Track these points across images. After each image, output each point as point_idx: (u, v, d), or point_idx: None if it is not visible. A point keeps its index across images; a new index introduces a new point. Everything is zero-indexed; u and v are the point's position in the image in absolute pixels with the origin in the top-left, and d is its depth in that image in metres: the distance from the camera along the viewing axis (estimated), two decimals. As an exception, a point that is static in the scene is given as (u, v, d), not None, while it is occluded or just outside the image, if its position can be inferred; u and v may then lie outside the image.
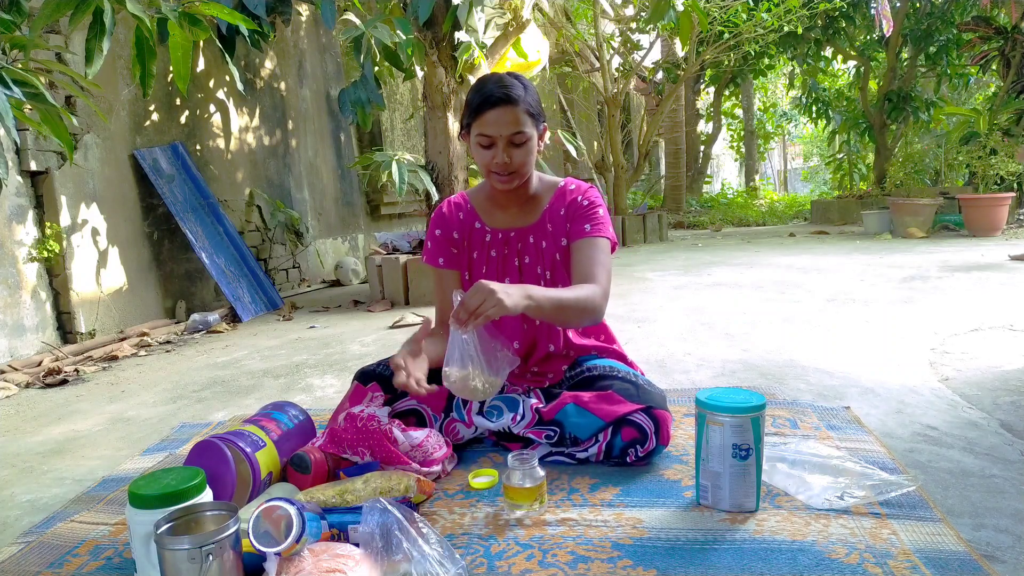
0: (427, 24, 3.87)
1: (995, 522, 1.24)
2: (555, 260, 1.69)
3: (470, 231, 1.73)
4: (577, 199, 1.68)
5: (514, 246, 1.71)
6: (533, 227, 1.70)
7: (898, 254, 5.22)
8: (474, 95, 1.56)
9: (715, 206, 11.56)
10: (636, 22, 7.95)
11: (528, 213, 1.71)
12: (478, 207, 1.74)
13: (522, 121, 1.53)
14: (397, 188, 3.88)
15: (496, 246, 1.71)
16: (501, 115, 1.52)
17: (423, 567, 1.06)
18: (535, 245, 1.70)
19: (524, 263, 1.71)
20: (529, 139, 1.56)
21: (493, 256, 1.72)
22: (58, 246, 3.36)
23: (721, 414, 1.27)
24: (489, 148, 1.55)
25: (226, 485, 1.32)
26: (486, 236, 1.72)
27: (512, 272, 1.71)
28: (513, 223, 1.71)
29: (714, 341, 2.74)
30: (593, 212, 1.67)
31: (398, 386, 1.40)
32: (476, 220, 1.73)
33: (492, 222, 1.72)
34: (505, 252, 1.71)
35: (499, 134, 1.53)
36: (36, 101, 1.76)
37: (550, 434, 1.57)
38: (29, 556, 1.31)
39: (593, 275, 1.59)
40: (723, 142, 16.57)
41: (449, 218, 1.74)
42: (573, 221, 1.67)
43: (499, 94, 1.51)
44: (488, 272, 1.72)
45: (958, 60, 8.44)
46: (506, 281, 1.70)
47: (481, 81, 1.59)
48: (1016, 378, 2.07)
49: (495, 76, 1.58)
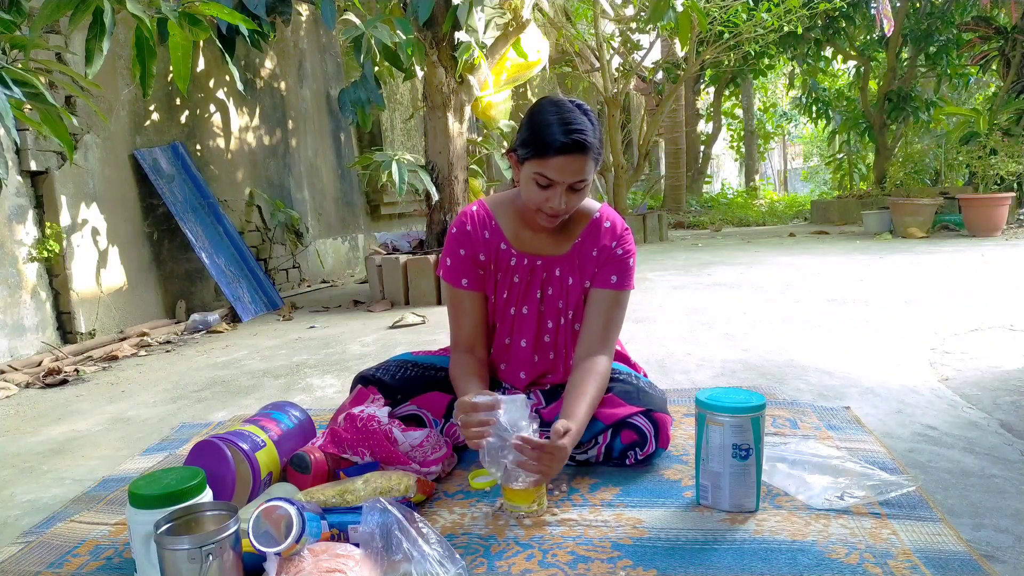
0: (427, 24, 3.87)
1: (995, 522, 1.24)
2: (579, 298, 1.61)
3: (496, 252, 1.60)
4: (612, 246, 1.58)
5: (539, 275, 1.60)
6: (562, 259, 1.59)
7: (898, 254, 5.22)
8: (538, 131, 1.40)
9: (715, 206, 11.56)
10: (636, 22, 7.95)
11: (557, 242, 1.59)
12: (504, 225, 1.60)
13: (588, 169, 1.42)
14: (397, 188, 3.88)
15: (520, 272, 1.60)
16: (568, 164, 1.39)
17: (423, 567, 1.06)
18: (561, 279, 1.60)
19: (547, 294, 1.61)
20: (588, 183, 1.46)
21: (516, 282, 1.61)
22: (58, 246, 3.36)
23: (721, 414, 1.27)
24: (545, 189, 1.43)
25: (226, 485, 1.32)
26: (511, 259, 1.60)
27: (532, 302, 1.62)
28: (541, 249, 1.59)
29: (714, 341, 2.74)
30: (625, 263, 1.58)
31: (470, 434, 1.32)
32: (502, 240, 1.60)
33: (519, 244, 1.60)
34: (529, 279, 1.61)
35: (563, 180, 1.41)
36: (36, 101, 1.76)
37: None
38: (29, 556, 1.31)
39: (608, 340, 1.54)
40: (723, 142, 16.57)
41: (474, 237, 1.59)
42: (602, 267, 1.58)
43: (569, 140, 1.37)
44: (509, 298, 1.62)
45: (958, 60, 8.44)
46: (524, 310, 1.62)
47: (546, 114, 1.42)
48: (1016, 378, 2.07)
49: (566, 111, 1.41)
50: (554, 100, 1.46)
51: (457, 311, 1.63)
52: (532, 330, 1.63)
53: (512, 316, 1.64)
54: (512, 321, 1.64)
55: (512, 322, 1.64)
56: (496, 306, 1.64)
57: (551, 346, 1.65)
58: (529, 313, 1.63)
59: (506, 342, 1.66)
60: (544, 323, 1.64)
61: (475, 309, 1.61)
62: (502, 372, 1.70)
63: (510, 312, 1.64)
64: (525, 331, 1.63)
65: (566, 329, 1.64)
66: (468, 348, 1.62)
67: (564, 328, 1.64)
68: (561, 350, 1.65)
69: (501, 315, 1.64)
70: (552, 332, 1.64)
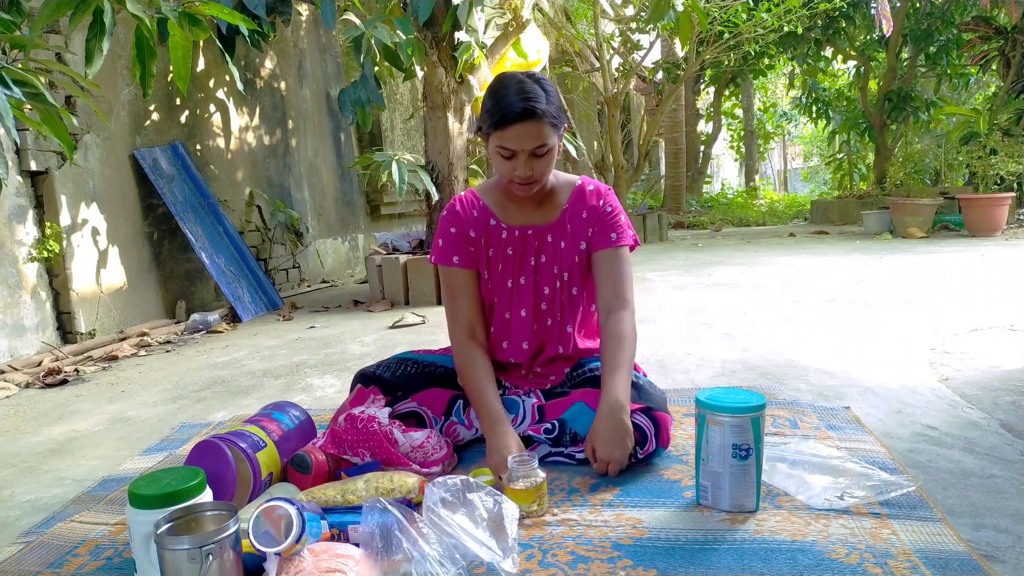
0: (427, 24, 3.87)
1: (995, 522, 1.24)
2: (573, 262, 1.66)
3: (486, 228, 1.67)
4: (599, 204, 1.66)
5: (531, 244, 1.67)
6: (552, 226, 1.67)
7: (898, 254, 5.22)
8: (494, 105, 1.48)
9: (715, 206, 11.57)
10: (636, 22, 7.95)
11: (545, 211, 1.67)
12: (492, 204, 1.68)
13: (545, 134, 1.48)
14: (397, 188, 3.88)
15: (512, 243, 1.67)
16: (524, 130, 1.47)
17: (423, 567, 1.06)
18: (553, 244, 1.67)
19: (540, 262, 1.68)
20: (551, 149, 1.52)
21: (510, 254, 1.67)
22: (58, 246, 3.36)
23: (721, 414, 1.27)
24: (510, 159, 1.51)
25: (226, 485, 1.32)
26: (502, 233, 1.66)
27: (528, 271, 1.68)
28: (530, 220, 1.67)
29: (714, 341, 2.74)
30: (616, 219, 1.66)
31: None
32: (491, 217, 1.67)
33: (508, 219, 1.67)
34: (522, 250, 1.67)
35: (521, 148, 1.49)
36: (36, 101, 1.76)
37: (549, 428, 1.57)
38: (29, 556, 1.31)
39: (622, 294, 1.62)
40: (723, 142, 16.57)
41: (464, 216, 1.67)
42: (597, 228, 1.65)
43: (521, 109, 1.44)
44: (504, 271, 1.68)
45: (958, 60, 8.44)
46: (521, 280, 1.68)
47: (501, 86, 1.50)
48: (1016, 378, 2.07)
49: (516, 82, 1.49)
50: (510, 74, 1.54)
51: (453, 292, 1.68)
52: (530, 299, 1.68)
53: (510, 288, 1.68)
54: (510, 293, 1.69)
55: (510, 294, 1.69)
56: (492, 280, 1.69)
57: (548, 313, 1.70)
58: (526, 283, 1.68)
59: (506, 316, 1.70)
60: (541, 290, 1.69)
61: (469, 287, 1.66)
62: (504, 351, 1.72)
63: (507, 285, 1.68)
64: (524, 301, 1.68)
65: (563, 293, 1.69)
66: (469, 332, 1.65)
67: (560, 292, 1.69)
68: (557, 315, 1.70)
69: (499, 289, 1.69)
70: (549, 299, 1.69)
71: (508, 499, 1.22)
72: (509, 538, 1.15)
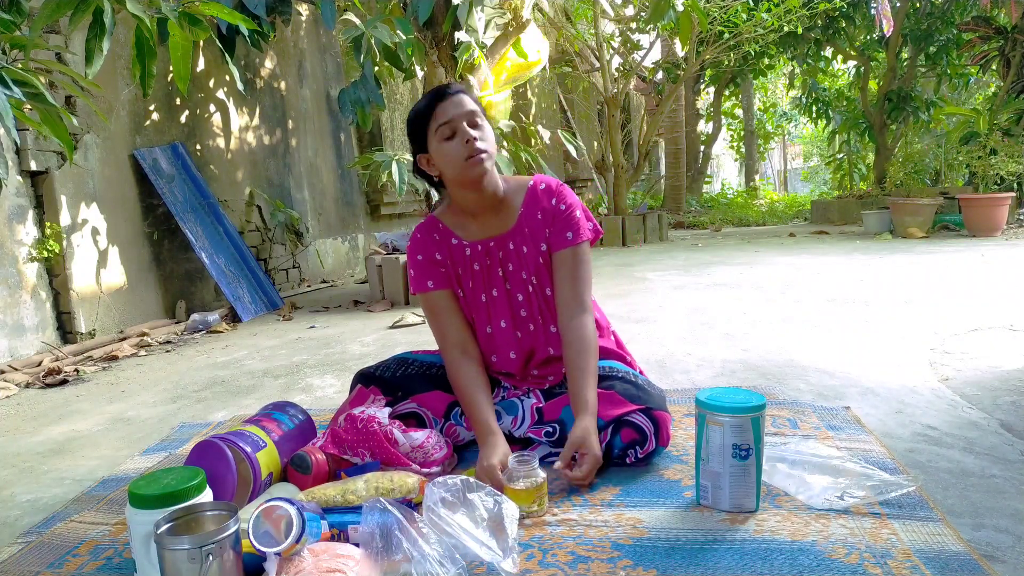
0: (427, 24, 3.87)
1: (995, 522, 1.24)
2: (538, 264, 1.65)
3: (449, 248, 1.67)
4: (552, 204, 1.65)
5: (495, 255, 1.66)
6: (511, 233, 1.65)
7: (898, 254, 5.22)
8: (419, 109, 1.57)
9: (715, 206, 11.57)
10: (636, 22, 7.95)
11: (502, 219, 1.65)
12: (450, 224, 1.68)
13: (471, 103, 1.55)
14: (397, 188, 3.88)
15: (477, 258, 1.66)
16: (450, 103, 1.53)
17: (423, 567, 1.06)
18: (516, 251, 1.65)
19: (508, 271, 1.66)
20: (484, 123, 1.57)
21: (477, 270, 1.67)
22: (58, 246, 3.36)
23: (721, 414, 1.27)
24: (452, 138, 1.53)
25: (226, 485, 1.32)
26: (465, 251, 1.66)
27: (498, 282, 1.66)
28: (489, 232, 1.66)
29: (714, 341, 2.74)
30: (571, 216, 1.64)
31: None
32: (452, 237, 1.67)
33: (468, 235, 1.66)
34: (488, 263, 1.66)
35: (458, 114, 1.53)
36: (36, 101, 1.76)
37: (549, 431, 1.57)
38: (29, 556, 1.31)
39: (580, 297, 1.61)
40: (723, 142, 16.58)
41: (425, 241, 1.67)
42: (553, 229, 1.64)
43: (441, 89, 1.56)
44: (475, 287, 1.67)
45: (958, 60, 8.44)
46: (493, 293, 1.67)
47: (419, 101, 1.61)
48: (1016, 378, 2.07)
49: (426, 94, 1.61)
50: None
51: (437, 316, 1.67)
52: (506, 309, 1.68)
53: (484, 303, 1.68)
54: (486, 307, 1.68)
55: (487, 308, 1.68)
56: (467, 299, 1.69)
57: (528, 318, 1.69)
58: (499, 294, 1.67)
59: (488, 331, 1.69)
60: (515, 298, 1.68)
61: (451, 307, 1.66)
62: (495, 364, 1.72)
63: (481, 300, 1.68)
64: (501, 312, 1.68)
65: (536, 297, 1.68)
66: (460, 348, 1.64)
67: (534, 296, 1.67)
68: (537, 318, 1.69)
69: (475, 306, 1.69)
70: (525, 304, 1.68)
71: (508, 499, 1.22)
72: (509, 538, 1.15)
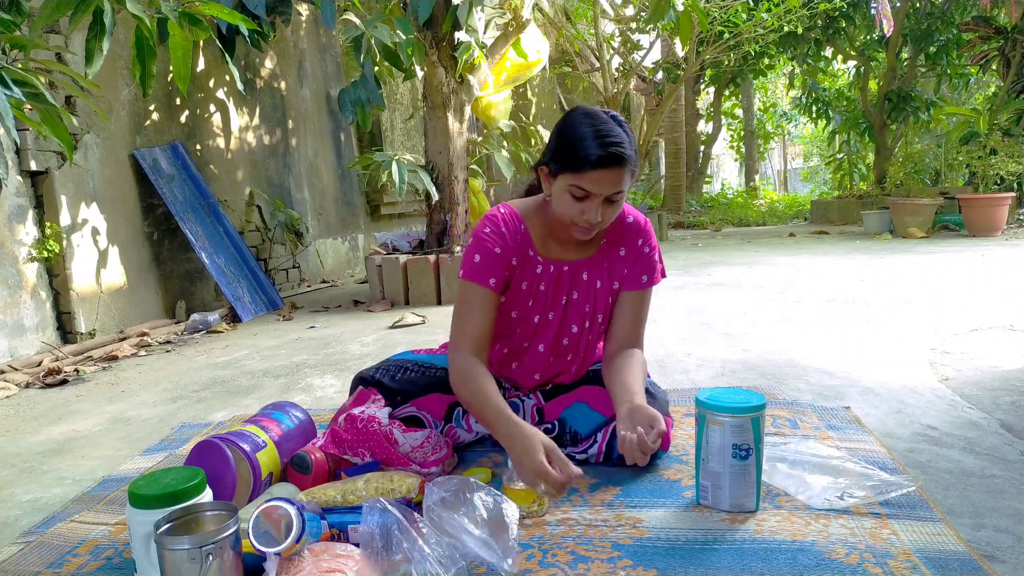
0: (427, 24, 3.87)
1: (995, 522, 1.24)
2: (607, 302, 1.60)
3: (524, 258, 1.54)
4: (639, 244, 1.58)
5: (566, 281, 1.56)
6: (589, 262, 1.57)
7: (898, 254, 5.22)
8: (573, 145, 1.37)
9: (715, 206, 11.56)
10: (636, 22, 7.95)
11: (583, 245, 1.56)
12: (532, 232, 1.55)
13: (624, 180, 1.39)
14: (397, 188, 3.88)
15: (547, 279, 1.56)
16: (606, 176, 1.36)
17: (423, 567, 1.06)
18: (588, 282, 1.58)
19: (572, 299, 1.58)
20: (624, 195, 1.43)
21: (542, 290, 1.56)
22: (58, 246, 3.36)
23: (721, 414, 1.27)
24: (582, 201, 1.39)
25: (226, 485, 1.32)
26: (538, 267, 1.55)
27: (558, 308, 1.58)
28: (567, 255, 1.56)
29: (714, 341, 2.74)
30: (652, 260, 1.59)
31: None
32: (530, 247, 1.54)
33: (546, 252, 1.55)
34: (556, 286, 1.57)
35: (600, 192, 1.37)
36: (36, 101, 1.76)
37: (549, 428, 1.57)
38: (29, 556, 1.31)
39: (637, 335, 1.59)
40: (723, 142, 16.57)
41: (506, 239, 1.52)
42: (632, 268, 1.58)
43: (610, 154, 1.34)
44: (535, 306, 1.57)
45: (958, 60, 8.44)
46: (549, 316, 1.59)
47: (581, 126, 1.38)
48: (1016, 378, 2.07)
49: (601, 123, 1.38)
50: (587, 111, 1.43)
51: (470, 306, 1.51)
52: (553, 335, 1.60)
53: (536, 323, 1.59)
54: (535, 328, 1.60)
55: (534, 328, 1.60)
56: (519, 314, 1.58)
57: (570, 348, 1.62)
58: (553, 319, 1.59)
59: (524, 345, 1.62)
60: (567, 327, 1.60)
61: (490, 312, 1.51)
62: (512, 370, 1.66)
63: (534, 320, 1.59)
64: (546, 336, 1.60)
65: (590, 331, 1.61)
66: (475, 347, 1.50)
67: (588, 331, 1.61)
68: (580, 353, 1.63)
69: (523, 322, 1.59)
70: (574, 336, 1.61)
71: (508, 499, 1.22)
72: (509, 538, 1.15)
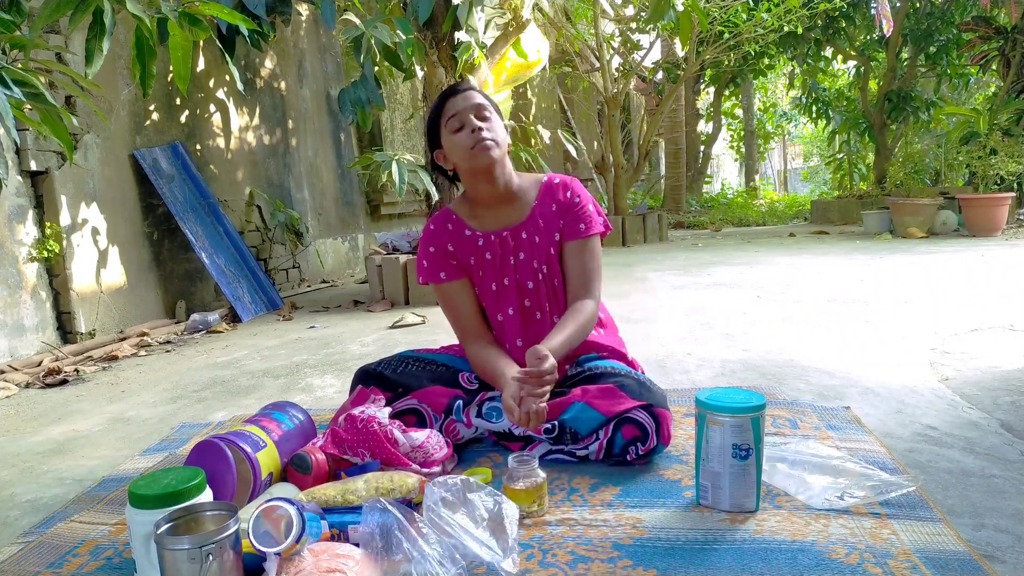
0: (427, 24, 3.87)
1: (995, 522, 1.24)
2: (549, 254, 1.72)
3: (462, 239, 1.74)
4: (566, 196, 1.73)
5: (508, 245, 1.73)
6: (524, 223, 1.73)
7: (898, 254, 5.22)
8: (432, 108, 1.68)
9: (715, 206, 11.56)
10: (636, 22, 7.95)
11: (516, 210, 1.73)
12: (465, 215, 1.76)
13: (480, 98, 1.64)
14: (397, 188, 3.88)
15: (490, 248, 1.73)
16: (460, 97, 1.63)
17: (423, 567, 1.06)
18: (528, 241, 1.72)
19: (519, 259, 1.73)
20: (493, 116, 1.64)
21: (488, 259, 1.73)
22: (58, 246, 3.36)
23: (721, 414, 1.27)
24: (461, 129, 1.62)
25: (226, 485, 1.32)
26: (478, 240, 1.73)
27: (508, 271, 1.73)
28: (503, 222, 1.73)
29: (714, 341, 2.74)
30: (584, 209, 1.72)
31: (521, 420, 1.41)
32: (465, 228, 1.74)
33: (482, 226, 1.74)
34: (500, 252, 1.73)
35: (464, 107, 1.62)
36: (36, 101, 1.76)
37: (549, 428, 1.57)
38: (29, 556, 1.31)
39: (587, 285, 1.70)
40: (723, 142, 16.57)
41: (438, 232, 1.75)
42: (566, 220, 1.72)
43: (448, 88, 1.67)
44: (486, 275, 1.74)
45: (958, 60, 8.44)
46: (504, 281, 1.73)
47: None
48: (1016, 378, 2.07)
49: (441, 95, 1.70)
50: None
51: (451, 306, 1.75)
52: (515, 297, 1.74)
53: (495, 291, 1.74)
54: (496, 296, 1.75)
55: (496, 297, 1.75)
56: (478, 287, 1.76)
57: (535, 306, 1.75)
58: (509, 283, 1.74)
59: (498, 319, 1.76)
60: (524, 287, 1.74)
61: (466, 296, 1.74)
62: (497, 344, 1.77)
63: (492, 288, 1.74)
64: (510, 300, 1.74)
65: (545, 286, 1.74)
66: (478, 336, 1.72)
67: (543, 285, 1.74)
68: (544, 305, 1.75)
69: (485, 294, 1.76)
70: (533, 293, 1.74)
71: (508, 499, 1.22)
72: (509, 538, 1.15)
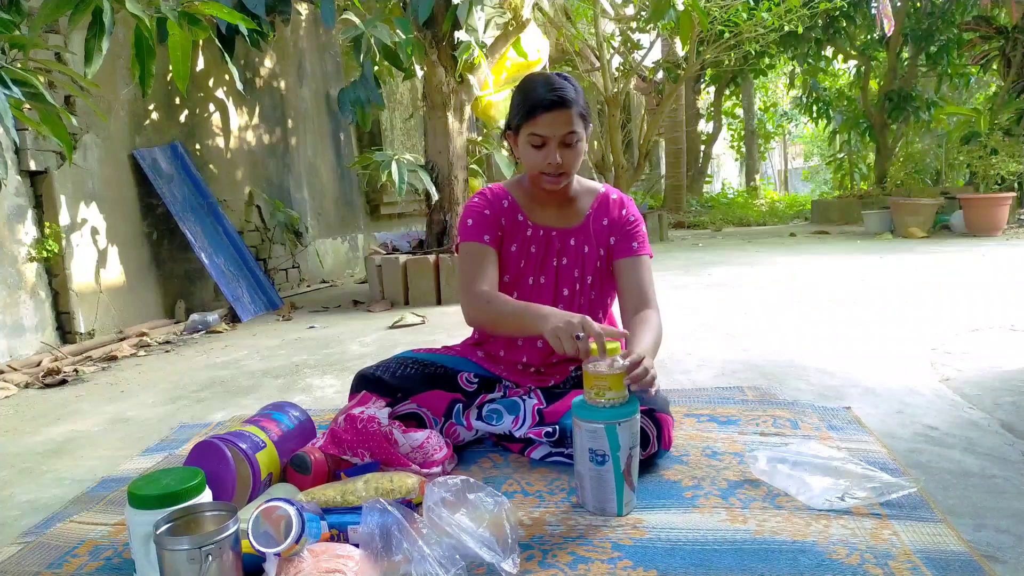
0: (427, 24, 3.87)
1: (996, 522, 1.23)
2: (596, 267, 1.70)
3: (514, 222, 1.69)
4: (622, 213, 1.71)
5: (554, 246, 1.69)
6: (576, 230, 1.69)
7: (899, 254, 5.22)
8: (524, 98, 1.55)
9: (715, 206, 11.55)
10: (636, 21, 7.95)
11: (569, 215, 1.70)
12: (519, 201, 1.71)
13: (575, 122, 1.54)
14: (397, 188, 3.88)
15: (536, 242, 1.69)
16: (555, 117, 1.52)
17: (423, 567, 1.06)
18: (576, 248, 1.69)
19: (562, 264, 1.70)
20: (580, 140, 1.57)
21: (532, 252, 1.69)
22: (57, 246, 3.36)
23: (581, 419, 1.29)
24: (540, 148, 1.55)
25: (226, 485, 1.32)
26: (527, 231, 1.69)
27: (549, 271, 1.70)
28: (555, 223, 1.70)
29: (715, 341, 2.74)
30: (638, 229, 1.70)
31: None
32: (519, 213, 1.69)
33: (534, 218, 1.70)
34: (545, 250, 1.69)
35: (553, 135, 1.53)
36: (36, 101, 1.76)
37: (550, 431, 1.57)
38: (29, 556, 1.31)
39: (648, 298, 1.66)
40: (723, 142, 16.55)
41: (495, 203, 1.69)
42: (619, 237, 1.69)
43: (553, 97, 1.51)
44: (525, 268, 1.69)
45: (959, 60, 8.43)
46: (541, 280, 1.70)
47: (531, 81, 1.59)
48: (1016, 378, 2.07)
49: (544, 77, 1.58)
50: (536, 72, 1.59)
51: (476, 262, 1.63)
52: (549, 299, 1.69)
53: (530, 286, 1.70)
54: (530, 291, 1.70)
55: (530, 292, 1.70)
56: (512, 276, 1.70)
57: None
58: (546, 282, 1.70)
59: None
60: (560, 291, 1.70)
61: (492, 263, 1.65)
62: (519, 349, 1.74)
63: (528, 282, 1.70)
64: (543, 300, 1.67)
65: (582, 296, 1.71)
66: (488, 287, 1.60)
67: (580, 295, 1.71)
68: None
69: (519, 285, 1.71)
70: (568, 300, 1.70)
71: (507, 500, 1.21)
72: (509, 538, 1.14)
